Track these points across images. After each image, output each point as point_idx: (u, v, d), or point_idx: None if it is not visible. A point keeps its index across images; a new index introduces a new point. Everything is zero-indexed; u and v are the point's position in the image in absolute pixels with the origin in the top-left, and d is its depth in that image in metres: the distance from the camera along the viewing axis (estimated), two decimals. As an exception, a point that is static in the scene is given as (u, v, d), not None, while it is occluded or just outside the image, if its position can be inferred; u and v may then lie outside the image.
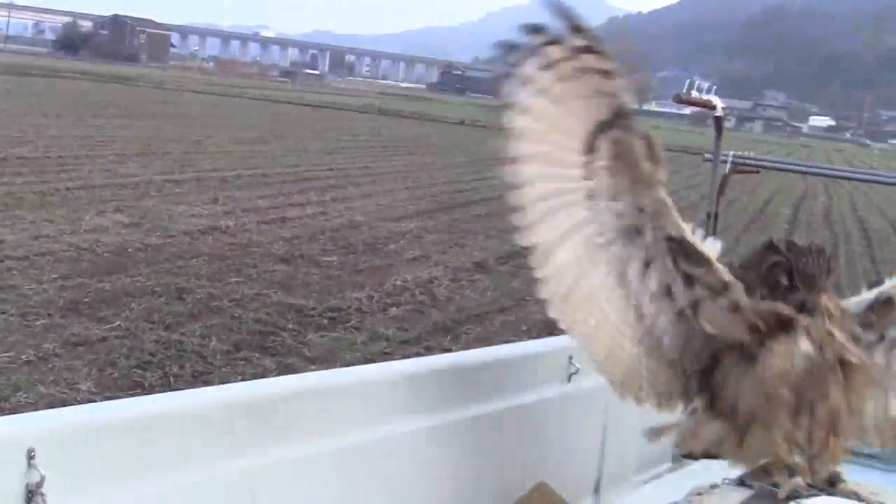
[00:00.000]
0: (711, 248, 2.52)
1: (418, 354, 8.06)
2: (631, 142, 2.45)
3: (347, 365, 7.59)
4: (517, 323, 10.41)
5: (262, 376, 7.29)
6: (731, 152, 5.71)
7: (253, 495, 2.27)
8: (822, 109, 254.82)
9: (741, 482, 2.69)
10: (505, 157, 2.33)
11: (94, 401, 5.78)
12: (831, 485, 2.62)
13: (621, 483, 3.62)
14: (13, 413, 3.12)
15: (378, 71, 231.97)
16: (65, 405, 3.43)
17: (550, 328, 2.72)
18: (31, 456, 1.93)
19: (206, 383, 7.07)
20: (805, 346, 2.36)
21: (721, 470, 2.67)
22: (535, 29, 2.33)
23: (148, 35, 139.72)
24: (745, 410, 2.46)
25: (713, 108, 4.91)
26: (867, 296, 2.65)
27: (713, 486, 2.66)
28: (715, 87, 5.21)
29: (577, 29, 2.33)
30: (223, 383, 3.58)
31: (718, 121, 5.09)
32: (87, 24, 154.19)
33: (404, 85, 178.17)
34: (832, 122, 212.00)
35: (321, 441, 2.46)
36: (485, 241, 15.46)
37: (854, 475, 2.67)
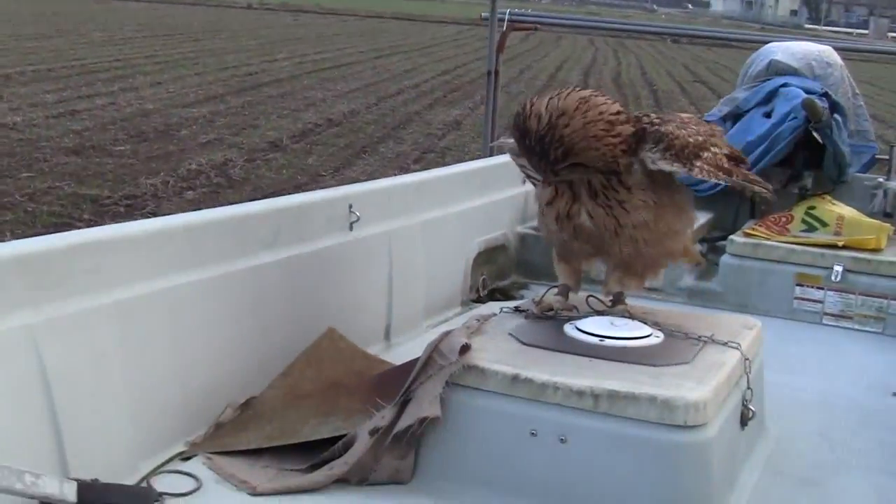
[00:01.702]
0: None
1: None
2: None
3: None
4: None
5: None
6: (508, 10, 5.81)
7: (37, 351, 2.24)
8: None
9: (517, 309, 2.88)
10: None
11: None
12: (613, 305, 2.85)
13: (411, 328, 3.72)
14: None
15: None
16: None
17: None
18: None
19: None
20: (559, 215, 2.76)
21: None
22: None
23: None
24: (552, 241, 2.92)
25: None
26: None
27: (493, 315, 2.83)
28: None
29: None
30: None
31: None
32: None
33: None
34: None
35: (102, 294, 2.43)
36: (278, 121, 15.44)
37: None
